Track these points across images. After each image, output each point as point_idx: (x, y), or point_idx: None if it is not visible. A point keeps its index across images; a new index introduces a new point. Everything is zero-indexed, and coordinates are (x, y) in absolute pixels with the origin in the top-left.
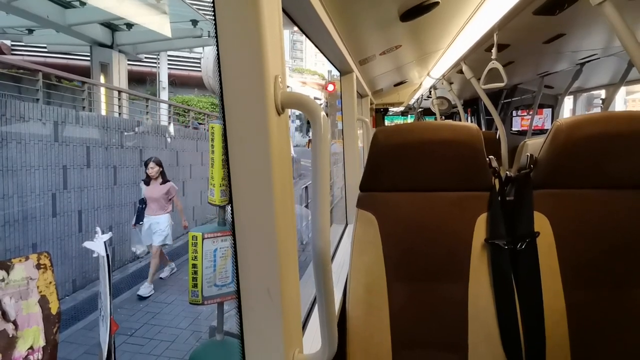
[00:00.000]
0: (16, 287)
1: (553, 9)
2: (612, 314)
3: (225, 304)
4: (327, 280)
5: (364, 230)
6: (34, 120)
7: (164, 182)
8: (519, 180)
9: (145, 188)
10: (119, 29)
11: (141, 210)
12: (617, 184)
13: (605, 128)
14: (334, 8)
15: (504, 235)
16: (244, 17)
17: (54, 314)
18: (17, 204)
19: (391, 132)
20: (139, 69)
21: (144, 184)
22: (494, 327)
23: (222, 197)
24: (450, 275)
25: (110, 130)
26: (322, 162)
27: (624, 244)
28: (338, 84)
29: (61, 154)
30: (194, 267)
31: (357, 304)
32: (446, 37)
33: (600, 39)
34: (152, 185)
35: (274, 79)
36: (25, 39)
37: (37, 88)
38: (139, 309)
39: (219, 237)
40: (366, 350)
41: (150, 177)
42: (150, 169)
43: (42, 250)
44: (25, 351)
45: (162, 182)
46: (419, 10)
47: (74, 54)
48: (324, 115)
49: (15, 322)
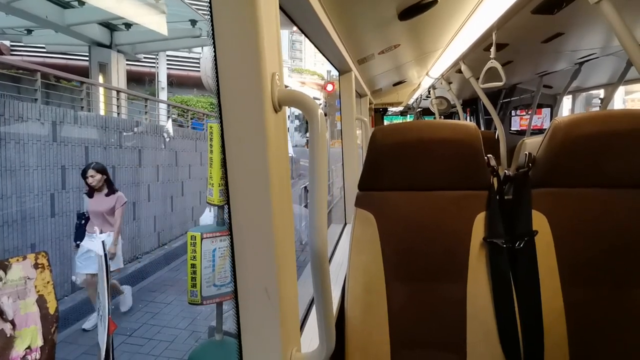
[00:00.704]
0: (14, 286)
1: (552, 8)
2: (610, 313)
3: (224, 303)
4: (324, 279)
5: (362, 229)
6: (32, 120)
7: (111, 193)
8: (517, 179)
9: (88, 201)
10: (117, 29)
11: (79, 227)
12: (616, 182)
13: (604, 126)
14: (332, 6)
15: (502, 234)
16: (241, 13)
17: (51, 313)
18: (15, 204)
19: (389, 131)
20: (137, 69)
21: (87, 196)
22: (492, 326)
23: (221, 196)
24: (449, 274)
25: (109, 130)
26: (319, 160)
27: (623, 243)
28: (337, 83)
29: (60, 154)
30: (193, 267)
31: (356, 304)
32: (445, 36)
33: (599, 38)
34: (96, 197)
35: (271, 76)
36: (24, 40)
37: (35, 88)
38: (138, 309)
39: (218, 237)
40: (365, 350)
41: (92, 187)
42: (89, 177)
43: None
44: (23, 351)
45: (108, 192)
46: (417, 9)
47: (72, 54)
48: (322, 113)
49: (13, 321)
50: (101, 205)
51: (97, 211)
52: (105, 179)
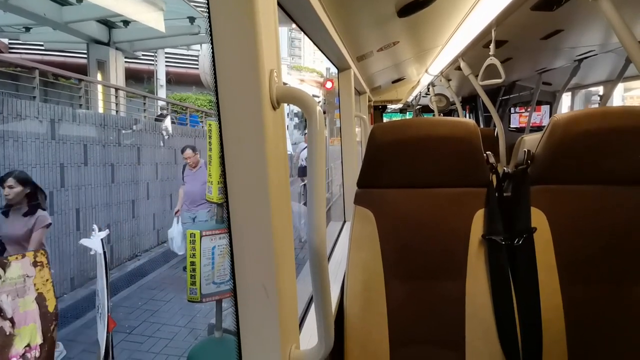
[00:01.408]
0: (13, 284)
1: (551, 5)
2: (608, 309)
3: (223, 301)
4: (323, 276)
5: (361, 226)
6: (30, 118)
7: (30, 213)
8: (516, 176)
9: (2, 220)
10: (115, 26)
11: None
12: (614, 179)
13: (603, 123)
14: (330, 2)
15: (501, 231)
16: (239, 9)
17: (51, 311)
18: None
19: (388, 128)
20: (136, 66)
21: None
22: (491, 323)
23: (220, 194)
24: (448, 271)
25: (108, 128)
26: (317, 156)
27: (621, 240)
28: (336, 81)
29: (58, 152)
30: (192, 265)
31: (355, 301)
32: (444, 33)
33: (598, 35)
34: (12, 216)
35: (269, 73)
36: (22, 37)
37: (33, 86)
38: (137, 307)
39: (217, 234)
40: (364, 347)
41: (9, 202)
42: (7, 188)
43: None
44: (23, 349)
45: (27, 212)
46: (416, 6)
47: (70, 51)
48: (320, 110)
49: (12, 319)
50: (15, 228)
51: (11, 236)
52: (27, 193)
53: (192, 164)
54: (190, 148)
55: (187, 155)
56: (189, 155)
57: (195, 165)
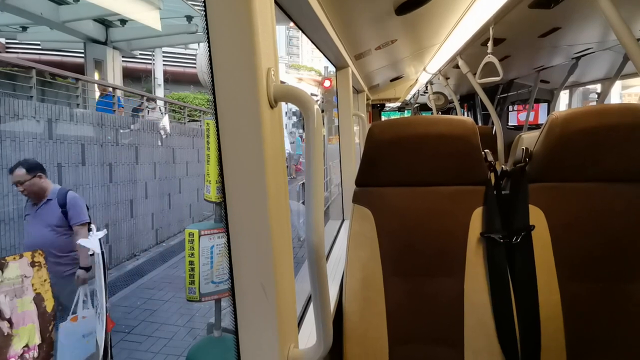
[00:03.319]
0: (10, 285)
1: (548, 3)
2: (606, 307)
3: (222, 300)
4: (321, 275)
5: (360, 225)
6: (28, 118)
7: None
8: (514, 174)
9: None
10: (112, 25)
11: None
12: (612, 176)
13: (601, 121)
14: (328, 1)
15: (499, 229)
16: (236, 8)
17: (49, 311)
18: (12, 202)
19: (387, 127)
20: (133, 65)
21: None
22: (489, 321)
23: (218, 193)
24: (446, 269)
25: (105, 127)
26: (315, 155)
27: (619, 237)
28: (334, 80)
29: (56, 152)
30: (191, 264)
31: (354, 299)
32: (442, 31)
33: (596, 33)
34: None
35: (266, 72)
36: (19, 37)
37: (30, 85)
38: (136, 307)
39: (216, 233)
40: (363, 345)
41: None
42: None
43: None
44: (21, 349)
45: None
46: (414, 4)
47: (68, 51)
48: (317, 109)
49: (10, 320)
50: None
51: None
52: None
53: (29, 193)
54: (23, 166)
55: (17, 179)
56: (21, 178)
57: (38, 196)
